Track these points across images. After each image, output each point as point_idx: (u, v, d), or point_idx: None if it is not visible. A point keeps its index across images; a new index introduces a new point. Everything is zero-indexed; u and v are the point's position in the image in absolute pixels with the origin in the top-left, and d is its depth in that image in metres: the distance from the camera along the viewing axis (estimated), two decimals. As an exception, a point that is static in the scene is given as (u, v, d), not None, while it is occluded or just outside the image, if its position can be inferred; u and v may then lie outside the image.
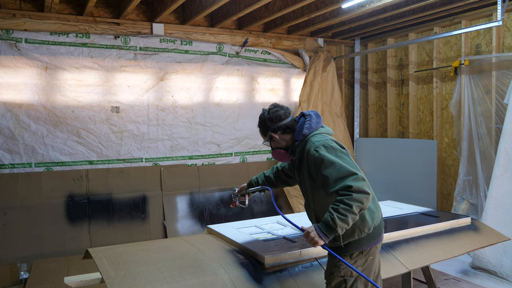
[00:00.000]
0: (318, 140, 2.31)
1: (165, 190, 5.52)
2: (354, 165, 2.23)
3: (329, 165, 2.19)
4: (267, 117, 2.52)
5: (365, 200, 2.12)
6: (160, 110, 5.57)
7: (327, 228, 2.14)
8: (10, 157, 4.85)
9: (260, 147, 6.35)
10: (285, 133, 2.48)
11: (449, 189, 5.70)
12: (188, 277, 2.48)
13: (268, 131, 2.53)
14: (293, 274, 2.70)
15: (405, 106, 6.34)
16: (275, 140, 2.52)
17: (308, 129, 2.39)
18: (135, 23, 5.42)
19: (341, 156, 2.24)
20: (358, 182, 2.12)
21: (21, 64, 4.82)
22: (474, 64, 5.18)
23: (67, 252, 4.85)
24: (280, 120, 2.47)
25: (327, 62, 6.51)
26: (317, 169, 2.25)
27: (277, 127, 2.47)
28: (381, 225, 2.45)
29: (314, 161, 2.26)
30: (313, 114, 2.45)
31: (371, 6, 4.76)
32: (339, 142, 2.36)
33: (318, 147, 2.26)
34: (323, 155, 2.22)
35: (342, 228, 2.13)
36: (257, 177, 2.92)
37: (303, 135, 2.40)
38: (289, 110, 2.51)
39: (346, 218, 2.10)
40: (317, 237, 2.16)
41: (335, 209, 2.12)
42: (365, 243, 2.35)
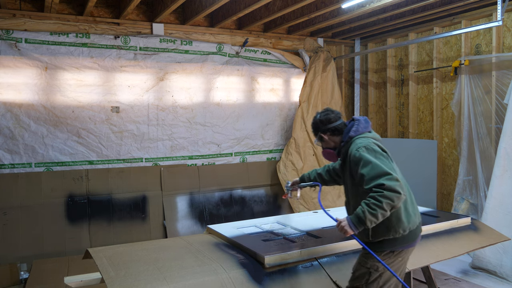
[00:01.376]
0: (361, 142, 2.50)
1: (165, 190, 5.52)
2: (391, 167, 2.39)
3: (367, 164, 2.37)
4: (319, 119, 2.72)
5: (396, 199, 2.27)
6: (160, 110, 5.57)
7: (358, 220, 2.33)
8: (10, 157, 4.85)
9: (260, 147, 6.35)
10: (334, 135, 2.69)
11: (449, 189, 5.70)
12: (188, 277, 2.48)
13: (318, 132, 2.73)
14: (293, 274, 2.70)
15: (405, 106, 6.34)
16: (324, 141, 2.73)
17: (354, 132, 2.58)
18: (135, 23, 5.42)
19: (380, 158, 2.41)
20: (391, 182, 2.28)
21: (21, 64, 4.82)
22: (474, 64, 5.18)
23: (67, 252, 4.85)
24: (330, 122, 2.68)
25: (327, 62, 6.51)
26: (356, 168, 2.43)
27: (326, 128, 2.68)
28: (417, 231, 2.58)
29: (354, 161, 2.45)
30: (362, 119, 2.65)
31: (371, 6, 4.76)
32: (383, 146, 2.55)
33: (359, 148, 2.45)
34: (363, 155, 2.41)
35: (371, 222, 2.30)
36: (309, 173, 3.15)
37: (349, 137, 2.59)
38: (339, 115, 2.73)
39: (375, 213, 2.27)
40: (347, 226, 2.37)
41: (367, 203, 2.30)
42: (398, 244, 2.49)
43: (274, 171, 6.29)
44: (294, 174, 6.08)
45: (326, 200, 6.12)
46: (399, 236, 2.46)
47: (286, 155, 6.17)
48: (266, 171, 6.30)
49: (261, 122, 6.31)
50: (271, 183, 6.29)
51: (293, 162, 6.11)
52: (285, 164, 6.12)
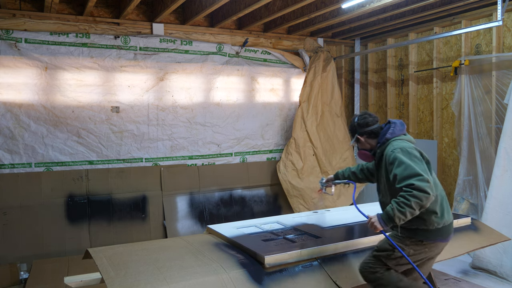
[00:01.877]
0: (397, 144, 2.66)
1: (165, 190, 5.52)
2: (423, 169, 2.52)
3: (400, 164, 2.54)
4: (357, 123, 2.86)
5: (424, 199, 2.42)
6: (160, 110, 5.57)
7: (387, 217, 2.52)
8: (10, 157, 4.85)
9: (260, 147, 6.35)
10: (370, 138, 2.84)
11: (449, 189, 5.70)
12: (188, 277, 2.48)
13: (355, 134, 2.87)
14: (293, 274, 2.70)
15: (405, 106, 6.34)
16: (361, 142, 2.88)
17: (391, 134, 2.74)
18: (135, 23, 5.42)
19: (413, 160, 2.55)
20: (421, 183, 2.43)
21: (21, 64, 4.82)
22: (474, 64, 5.18)
23: (67, 252, 4.86)
24: (367, 126, 2.83)
25: (327, 62, 6.51)
26: (390, 167, 2.60)
27: (363, 131, 2.83)
28: (450, 229, 2.74)
29: (390, 161, 2.62)
30: (398, 123, 2.80)
31: (371, 6, 4.76)
32: (419, 149, 2.69)
33: (395, 149, 2.62)
34: (398, 156, 2.57)
35: (399, 219, 2.47)
36: (343, 171, 3.35)
37: (386, 139, 2.75)
38: (377, 118, 2.87)
39: (404, 211, 2.44)
40: (377, 223, 2.56)
41: (397, 202, 2.47)
42: (431, 236, 2.65)
43: (274, 171, 6.28)
44: (294, 174, 6.08)
45: (327, 200, 6.12)
46: (432, 229, 2.62)
47: (286, 155, 6.17)
48: (266, 171, 6.30)
49: (261, 122, 6.31)
50: (271, 183, 6.29)
51: (293, 162, 6.11)
52: (285, 164, 6.11)
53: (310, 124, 6.22)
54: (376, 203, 4.53)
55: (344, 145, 6.58)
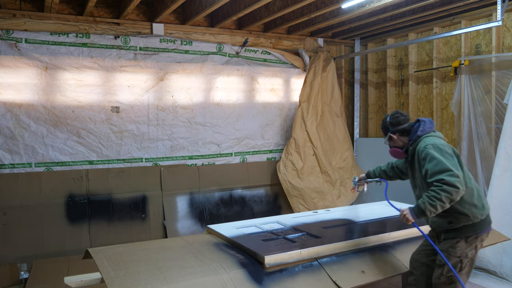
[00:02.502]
0: (429, 140, 2.79)
1: (165, 190, 5.52)
2: (454, 164, 2.65)
3: (431, 160, 2.67)
4: (389, 122, 3.01)
5: (454, 193, 2.55)
6: (160, 110, 5.57)
7: (418, 210, 2.66)
8: (10, 157, 4.85)
9: (260, 147, 6.35)
10: (402, 135, 2.98)
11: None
12: (188, 277, 2.48)
13: (388, 133, 3.01)
14: (293, 274, 2.70)
15: (405, 106, 6.34)
16: (393, 140, 3.02)
17: (421, 131, 2.88)
18: (135, 23, 5.42)
19: (444, 155, 2.67)
20: (451, 178, 2.56)
21: (21, 64, 4.82)
22: (474, 64, 5.18)
23: (67, 252, 4.86)
24: (399, 124, 2.97)
25: (327, 62, 6.51)
26: (423, 163, 2.74)
27: (396, 130, 2.97)
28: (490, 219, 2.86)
29: (422, 156, 2.75)
30: (427, 121, 2.93)
31: (371, 6, 4.77)
32: (450, 145, 2.82)
33: (427, 145, 2.75)
34: (429, 152, 2.70)
35: (430, 212, 2.61)
36: (374, 169, 3.51)
37: (417, 136, 2.89)
38: (408, 117, 3.00)
39: (435, 204, 2.57)
40: (409, 215, 2.71)
41: (428, 196, 2.61)
42: (479, 229, 2.76)
43: (274, 171, 6.29)
44: (294, 174, 6.08)
45: (326, 200, 6.12)
46: (477, 221, 2.74)
47: (286, 155, 6.17)
48: (266, 171, 6.30)
49: (261, 122, 6.31)
50: (271, 183, 6.29)
51: (293, 162, 6.11)
52: (285, 164, 6.12)
53: (310, 124, 6.23)
54: (376, 203, 4.55)
55: (344, 145, 6.58)
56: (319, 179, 6.18)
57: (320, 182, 6.16)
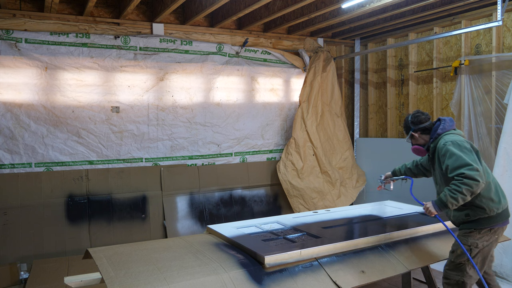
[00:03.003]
0: (448, 138, 2.95)
1: (165, 190, 5.52)
2: (473, 159, 2.80)
3: (451, 156, 2.83)
4: (410, 121, 3.17)
5: (474, 186, 2.71)
6: (160, 110, 5.57)
7: (441, 203, 2.84)
8: (10, 157, 4.85)
9: (260, 147, 6.35)
10: (423, 134, 3.14)
11: (449, 189, 5.70)
12: (188, 277, 2.48)
13: (410, 131, 3.18)
14: (293, 274, 2.70)
15: (405, 106, 6.34)
16: (415, 138, 3.18)
17: (442, 129, 3.04)
18: (135, 23, 5.42)
19: (464, 151, 2.83)
20: (471, 172, 2.72)
21: (21, 64, 4.82)
22: (474, 64, 5.18)
23: (67, 252, 4.86)
24: (420, 123, 3.13)
25: (327, 62, 6.51)
26: (443, 159, 2.90)
27: (417, 128, 3.13)
28: (508, 212, 2.99)
29: (442, 153, 2.91)
30: (447, 119, 3.08)
31: (371, 6, 4.77)
32: (469, 141, 2.95)
33: (447, 142, 2.91)
34: (449, 148, 2.86)
35: (452, 204, 2.78)
36: (400, 167, 3.65)
37: (437, 134, 3.05)
38: (429, 116, 3.16)
39: (456, 197, 2.74)
40: (432, 207, 2.90)
41: (449, 189, 2.79)
42: (494, 222, 2.89)
43: (274, 171, 6.29)
44: (294, 174, 6.08)
45: (326, 200, 6.12)
46: (493, 215, 2.88)
47: (286, 155, 6.17)
48: (266, 171, 6.30)
49: (261, 122, 6.31)
50: (271, 183, 6.29)
51: (293, 162, 6.11)
52: (285, 164, 6.12)
53: (310, 124, 6.23)
54: (377, 203, 4.55)
55: (344, 145, 6.58)
56: (319, 179, 6.18)
57: (320, 182, 6.16)
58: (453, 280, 2.97)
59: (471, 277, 2.92)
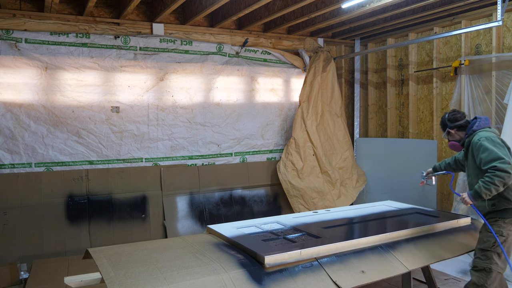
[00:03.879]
0: (482, 134, 3.18)
1: (165, 190, 5.52)
2: (505, 154, 3.03)
3: (485, 151, 3.07)
4: (447, 118, 3.40)
5: (506, 178, 2.95)
6: (160, 110, 5.57)
7: (475, 193, 3.07)
8: (10, 157, 4.85)
9: (260, 147, 6.35)
10: (459, 130, 3.37)
11: (449, 189, 5.70)
12: (188, 277, 2.48)
13: (447, 128, 3.41)
14: (293, 274, 2.70)
15: (405, 106, 6.35)
16: (451, 135, 3.42)
17: (477, 126, 3.25)
18: (135, 23, 5.42)
19: (496, 146, 3.06)
20: (503, 164, 2.96)
21: (21, 64, 4.82)
22: (474, 64, 5.18)
23: (67, 252, 4.86)
24: (457, 121, 3.36)
25: (327, 62, 6.51)
26: (477, 153, 3.14)
27: (453, 125, 3.37)
28: None
29: (476, 148, 3.15)
30: (483, 118, 3.30)
31: (371, 6, 4.77)
32: (502, 139, 3.17)
33: (481, 138, 3.14)
34: (483, 143, 3.10)
35: (486, 194, 3.01)
36: (440, 163, 3.86)
37: (472, 130, 3.27)
38: (464, 114, 3.38)
39: (489, 188, 2.98)
40: (467, 198, 3.13)
41: (483, 181, 3.03)
42: None
43: (274, 171, 6.29)
44: (294, 174, 6.08)
45: (326, 200, 6.12)
46: None
47: (286, 155, 6.17)
48: (266, 171, 6.30)
49: (261, 122, 6.32)
50: (271, 183, 6.29)
51: (293, 162, 6.11)
52: (285, 164, 6.12)
53: (310, 124, 6.23)
54: (377, 203, 4.55)
55: (344, 145, 6.58)
56: (319, 179, 6.18)
57: (320, 182, 6.16)
58: (480, 267, 3.14)
59: (497, 264, 3.09)
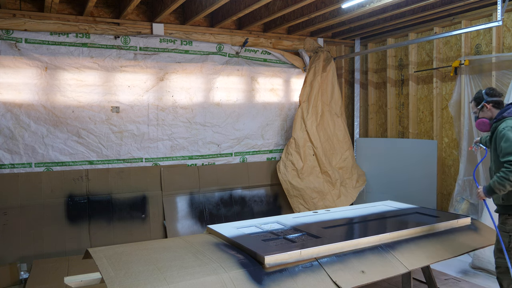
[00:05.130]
0: (510, 122, 3.05)
1: (165, 190, 5.52)
2: None
3: (507, 141, 2.97)
4: (485, 92, 3.25)
5: None
6: (160, 110, 5.57)
7: (489, 188, 3.04)
8: (10, 157, 4.85)
9: (260, 147, 6.35)
10: (494, 107, 3.22)
11: (449, 189, 5.70)
12: (188, 277, 2.48)
13: (482, 101, 3.24)
14: (293, 274, 2.70)
15: (405, 106, 6.34)
16: (484, 110, 3.25)
17: (508, 113, 3.12)
18: (135, 23, 5.42)
19: None
20: None
21: (21, 64, 4.82)
22: (474, 64, 5.18)
23: (67, 252, 4.86)
24: (495, 96, 3.22)
25: (327, 62, 6.51)
26: (499, 141, 3.04)
27: (490, 100, 3.21)
28: None
29: (500, 135, 3.04)
30: None
31: (371, 6, 4.77)
32: None
33: (506, 127, 3.03)
34: (506, 133, 2.99)
35: (499, 190, 2.97)
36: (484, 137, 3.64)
37: (502, 116, 3.14)
38: (501, 93, 3.27)
39: (503, 183, 2.92)
40: (481, 193, 3.11)
41: (498, 176, 2.96)
42: None
43: (274, 171, 6.29)
44: (294, 174, 6.08)
45: (326, 200, 6.12)
46: None
47: (286, 155, 6.17)
48: (266, 171, 6.30)
49: (261, 122, 6.32)
50: (271, 183, 6.29)
51: (293, 162, 6.11)
52: (285, 164, 6.12)
53: (310, 124, 6.23)
54: (377, 203, 4.55)
55: (344, 145, 6.58)
56: (319, 179, 6.18)
57: (320, 182, 6.16)
58: (503, 268, 3.11)
59: None
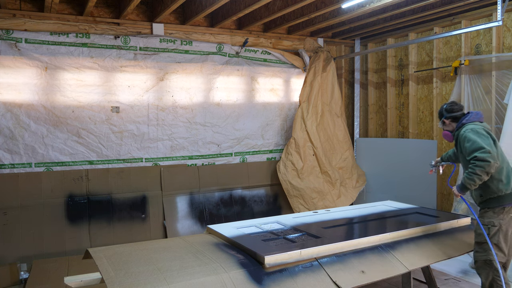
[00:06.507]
0: (469, 126, 3.31)
1: (165, 190, 5.52)
2: (488, 143, 3.13)
3: (468, 141, 3.20)
4: (445, 109, 3.53)
5: (486, 166, 3.05)
6: (160, 110, 5.57)
7: (461, 185, 3.24)
8: (10, 157, 4.85)
9: (260, 147, 6.35)
10: (453, 121, 3.49)
11: (449, 189, 5.70)
12: (188, 277, 2.48)
13: (442, 117, 3.54)
14: (293, 274, 2.70)
15: (405, 106, 6.34)
16: (445, 124, 3.54)
17: (466, 120, 3.38)
18: (135, 23, 5.42)
19: (480, 137, 3.18)
20: (483, 154, 3.08)
21: (21, 64, 4.82)
22: (474, 64, 5.18)
23: (67, 252, 4.85)
24: (452, 112, 3.48)
25: (327, 62, 6.51)
26: (462, 144, 3.28)
27: (448, 116, 3.48)
28: None
29: (462, 139, 3.29)
30: (474, 112, 3.42)
31: (371, 6, 4.77)
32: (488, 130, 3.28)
33: (466, 130, 3.29)
34: (467, 135, 3.24)
35: (470, 185, 3.16)
36: (444, 154, 3.95)
37: (462, 123, 3.40)
38: (461, 107, 3.51)
39: (472, 177, 3.11)
40: (455, 191, 3.31)
41: (467, 172, 3.17)
42: (504, 201, 3.19)
43: (274, 171, 6.29)
44: (294, 174, 6.08)
45: (326, 200, 6.12)
46: (502, 194, 3.18)
47: (286, 155, 6.17)
48: (266, 171, 6.30)
49: (261, 122, 6.32)
50: (271, 183, 6.29)
51: (293, 162, 6.11)
52: (285, 164, 6.12)
53: (310, 124, 6.23)
54: (377, 203, 4.55)
55: (344, 145, 6.58)
56: (319, 179, 6.18)
57: (320, 182, 6.16)
58: (480, 261, 3.22)
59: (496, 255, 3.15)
